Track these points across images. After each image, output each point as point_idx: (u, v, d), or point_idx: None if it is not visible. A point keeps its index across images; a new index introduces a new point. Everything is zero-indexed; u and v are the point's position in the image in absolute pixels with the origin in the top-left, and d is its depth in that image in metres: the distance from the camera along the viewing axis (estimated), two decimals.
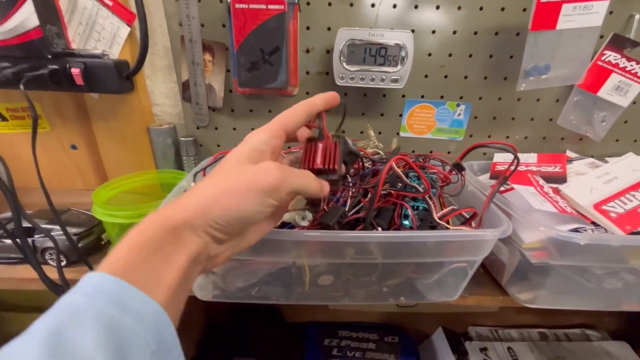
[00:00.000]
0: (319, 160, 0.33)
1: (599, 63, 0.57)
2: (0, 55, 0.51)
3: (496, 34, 0.57)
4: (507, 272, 0.49)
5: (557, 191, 0.49)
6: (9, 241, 0.48)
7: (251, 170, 0.27)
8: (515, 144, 0.66)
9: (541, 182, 0.50)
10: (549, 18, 0.49)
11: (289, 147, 0.54)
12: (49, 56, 0.52)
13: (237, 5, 0.49)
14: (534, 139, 0.66)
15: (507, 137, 0.66)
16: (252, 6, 0.49)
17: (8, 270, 0.50)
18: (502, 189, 0.50)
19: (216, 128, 0.65)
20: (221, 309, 0.89)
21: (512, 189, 0.49)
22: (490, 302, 0.50)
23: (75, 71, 0.52)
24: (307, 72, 0.60)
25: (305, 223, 0.40)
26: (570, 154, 0.65)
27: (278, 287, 0.46)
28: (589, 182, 0.48)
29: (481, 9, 0.55)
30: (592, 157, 0.61)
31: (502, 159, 0.62)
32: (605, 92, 0.58)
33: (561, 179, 0.53)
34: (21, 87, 0.49)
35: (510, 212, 0.43)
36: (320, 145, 0.33)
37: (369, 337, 0.89)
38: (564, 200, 0.47)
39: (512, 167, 0.40)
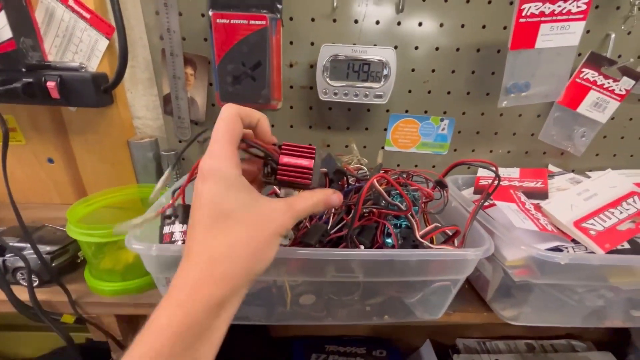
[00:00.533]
0: (306, 162, 0.32)
1: (578, 80, 0.58)
2: None
3: (478, 50, 0.57)
4: (490, 289, 0.49)
5: (538, 207, 0.49)
6: None
7: (269, 216, 0.28)
8: (499, 158, 0.67)
9: (523, 198, 0.50)
10: (527, 37, 0.50)
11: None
12: (24, 69, 0.50)
13: (218, 20, 0.48)
14: (517, 153, 0.67)
15: (491, 151, 0.67)
16: (233, 21, 0.48)
17: None
18: (484, 204, 0.50)
19: (199, 142, 0.63)
20: None
21: (494, 205, 0.49)
22: (475, 319, 0.50)
23: (50, 84, 0.50)
24: (291, 87, 0.60)
25: (286, 242, 0.40)
26: (552, 168, 0.66)
27: (259, 307, 0.45)
28: (570, 198, 0.48)
29: (463, 26, 0.56)
30: (573, 171, 0.62)
31: (485, 173, 0.62)
32: (584, 108, 0.59)
33: (543, 194, 0.54)
34: None
35: (493, 229, 0.43)
36: (293, 159, 0.32)
37: (356, 352, 0.87)
38: (545, 217, 0.47)
39: (495, 184, 0.40)
